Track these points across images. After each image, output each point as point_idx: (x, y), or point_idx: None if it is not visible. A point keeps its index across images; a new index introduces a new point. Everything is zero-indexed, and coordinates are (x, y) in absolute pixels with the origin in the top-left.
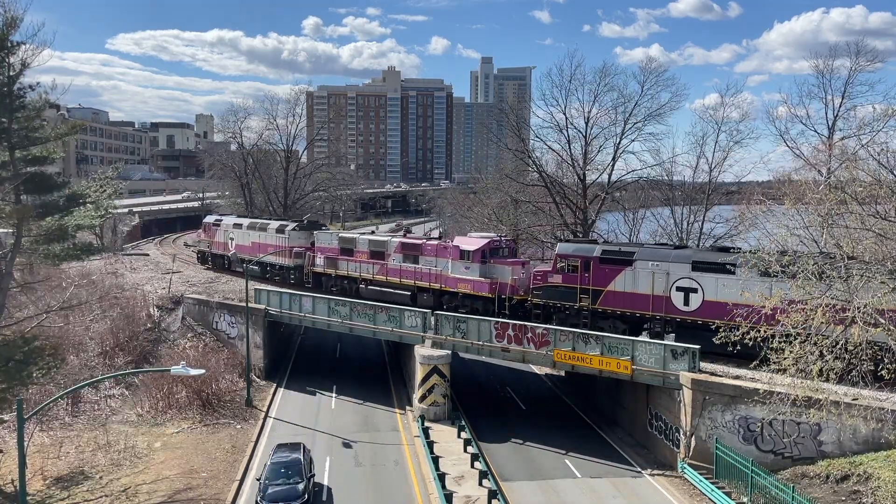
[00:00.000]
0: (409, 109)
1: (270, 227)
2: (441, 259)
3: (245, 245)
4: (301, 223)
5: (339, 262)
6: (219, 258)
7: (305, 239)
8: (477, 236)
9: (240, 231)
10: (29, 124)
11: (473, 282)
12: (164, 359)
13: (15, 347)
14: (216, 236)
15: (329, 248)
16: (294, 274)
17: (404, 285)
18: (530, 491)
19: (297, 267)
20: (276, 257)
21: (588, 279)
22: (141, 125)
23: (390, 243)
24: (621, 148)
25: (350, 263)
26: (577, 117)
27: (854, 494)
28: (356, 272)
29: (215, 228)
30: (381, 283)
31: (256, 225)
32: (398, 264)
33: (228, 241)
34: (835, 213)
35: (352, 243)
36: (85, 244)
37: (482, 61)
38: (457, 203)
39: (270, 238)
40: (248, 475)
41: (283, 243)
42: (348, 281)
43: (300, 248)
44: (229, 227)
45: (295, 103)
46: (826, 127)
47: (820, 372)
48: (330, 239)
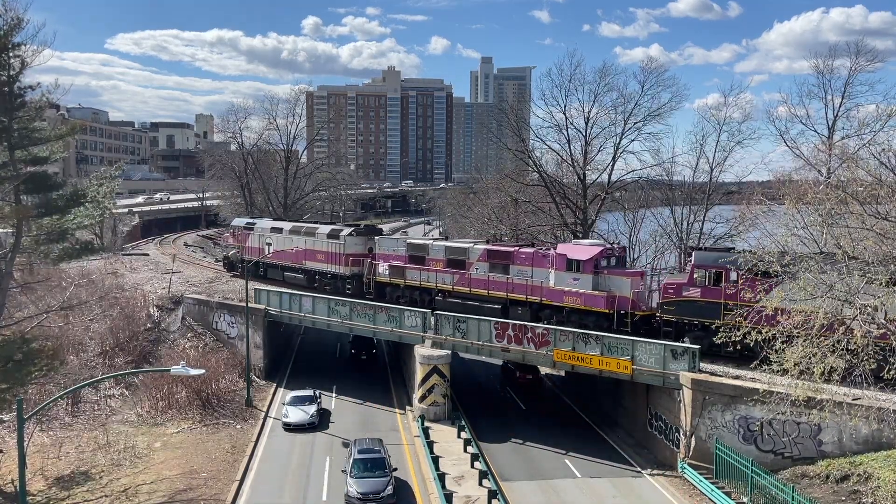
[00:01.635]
0: (409, 109)
1: (320, 231)
2: (540, 269)
3: (286, 251)
4: (358, 228)
5: (408, 271)
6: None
7: (363, 245)
8: (587, 244)
9: (279, 236)
10: (29, 124)
11: (584, 295)
12: (164, 359)
13: (15, 347)
14: (248, 241)
15: (394, 256)
16: (351, 283)
17: (493, 297)
18: (530, 491)
19: (355, 276)
20: (327, 265)
21: (735, 293)
22: (141, 125)
23: (473, 250)
24: (621, 148)
25: (422, 273)
26: (577, 117)
27: (854, 494)
28: (431, 282)
29: (247, 233)
30: (462, 294)
31: (301, 229)
32: (484, 274)
33: (265, 246)
34: (835, 213)
35: (423, 250)
36: (85, 243)
37: (482, 61)
38: (457, 203)
39: (321, 244)
40: (247, 475)
41: (338, 250)
42: (420, 292)
43: (358, 255)
44: (265, 231)
45: (295, 103)
46: (826, 127)
47: (822, 372)
48: (395, 245)
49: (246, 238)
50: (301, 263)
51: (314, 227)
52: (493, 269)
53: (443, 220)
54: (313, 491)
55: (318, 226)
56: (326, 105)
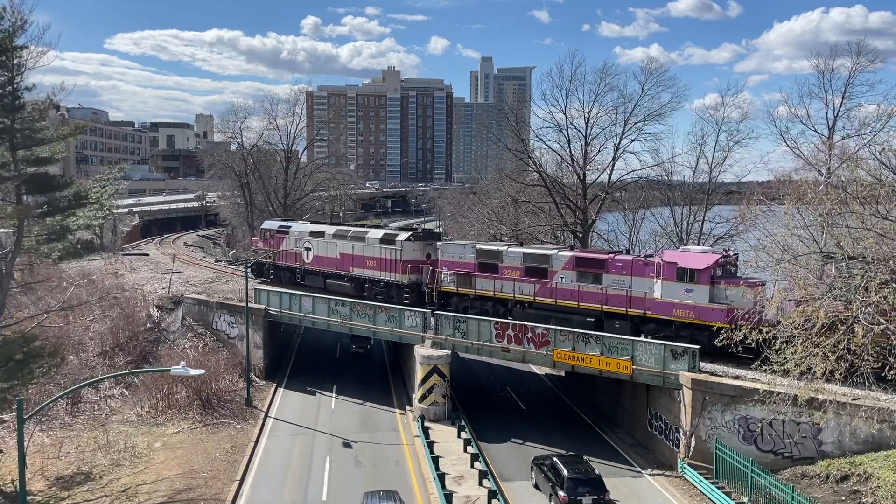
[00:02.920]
0: (409, 109)
1: (371, 236)
2: (641, 278)
3: (329, 257)
4: (416, 232)
5: (478, 280)
6: (286, 271)
7: (421, 251)
8: (699, 250)
9: (320, 240)
10: (32, 125)
11: (699, 308)
12: (164, 359)
13: (15, 347)
14: (282, 246)
15: (461, 263)
16: (409, 292)
17: (584, 310)
18: (530, 491)
19: (414, 284)
20: (379, 272)
21: None
22: (141, 125)
23: (557, 257)
24: (621, 148)
25: (496, 282)
26: (577, 117)
27: (854, 494)
28: (507, 292)
29: (281, 237)
30: (545, 306)
31: (348, 233)
32: (571, 283)
33: (303, 251)
34: (836, 213)
35: (496, 257)
36: (85, 243)
37: (482, 61)
38: (457, 203)
39: (372, 250)
40: (247, 475)
41: (393, 256)
42: (494, 303)
43: (417, 261)
44: (303, 235)
45: (295, 103)
46: (826, 127)
47: (827, 372)
48: (462, 251)
49: (279, 242)
50: (348, 270)
51: (364, 230)
52: (582, 278)
53: (443, 220)
54: (313, 491)
55: (369, 230)
56: (326, 105)
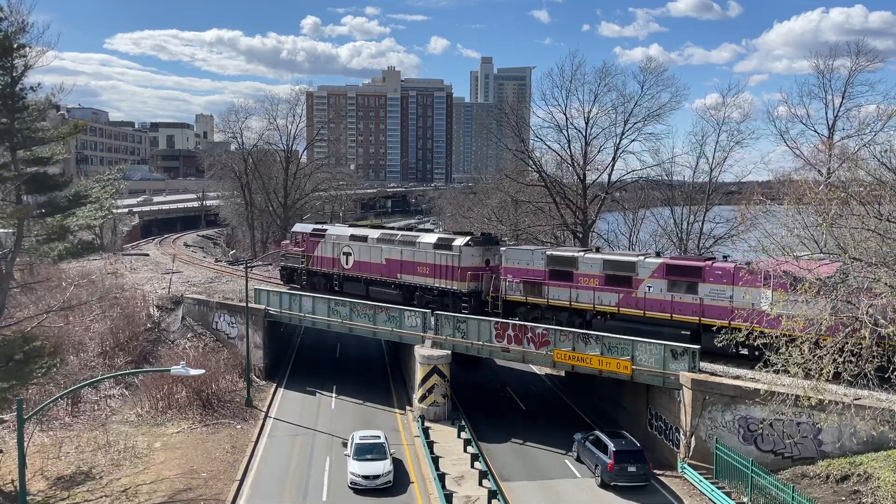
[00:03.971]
0: (409, 109)
1: (423, 240)
2: (746, 288)
3: (373, 263)
4: (475, 237)
5: (549, 289)
6: (321, 277)
7: (481, 257)
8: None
9: (363, 245)
10: (32, 125)
11: None
12: (164, 359)
13: (15, 347)
14: (317, 250)
15: (528, 270)
16: (468, 301)
17: (677, 322)
18: (530, 491)
19: (474, 293)
20: (433, 280)
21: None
22: (141, 125)
23: (643, 264)
24: (621, 148)
25: (572, 291)
26: (577, 117)
27: (854, 494)
28: (584, 302)
29: (315, 241)
30: (630, 317)
31: (395, 238)
32: (661, 293)
33: (341, 256)
34: (836, 214)
35: (570, 263)
36: (86, 242)
37: (482, 61)
38: (457, 203)
39: (424, 255)
40: (247, 475)
41: (450, 262)
42: (569, 313)
43: (477, 268)
44: (343, 238)
45: (295, 103)
46: (826, 127)
47: (831, 374)
48: (530, 257)
49: (314, 246)
50: (395, 277)
51: (414, 235)
52: (674, 287)
53: (443, 220)
54: (313, 491)
55: (420, 233)
56: (326, 105)
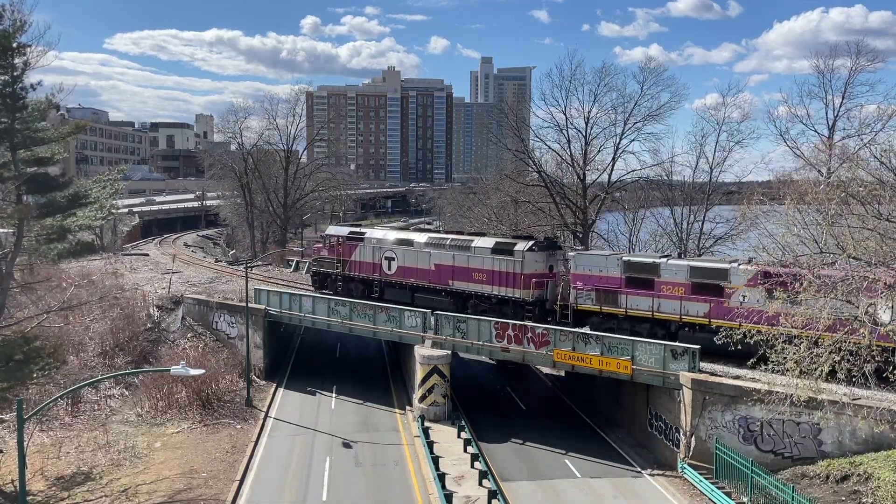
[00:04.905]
0: (409, 109)
1: (479, 245)
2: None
3: (420, 268)
4: (538, 241)
5: (627, 297)
6: (358, 283)
7: (545, 262)
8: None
9: (408, 249)
10: (32, 125)
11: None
12: (164, 359)
13: (15, 347)
14: (355, 255)
15: (601, 277)
16: (531, 310)
17: None
18: (530, 491)
19: (538, 302)
20: (491, 287)
21: None
22: (141, 125)
23: (736, 272)
24: (621, 148)
25: (654, 300)
26: (577, 117)
27: (854, 494)
28: (670, 312)
29: (353, 244)
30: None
31: (446, 242)
32: (758, 303)
33: (383, 261)
34: (836, 214)
35: (651, 270)
36: (86, 243)
37: (482, 61)
38: (457, 203)
39: (481, 261)
40: (247, 475)
41: (511, 268)
42: (651, 324)
43: (541, 275)
44: (385, 242)
45: (295, 103)
46: (826, 127)
47: (831, 373)
48: (604, 263)
49: (350, 251)
50: (446, 284)
51: (467, 238)
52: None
53: (443, 220)
54: (313, 491)
55: (474, 237)
56: (326, 105)
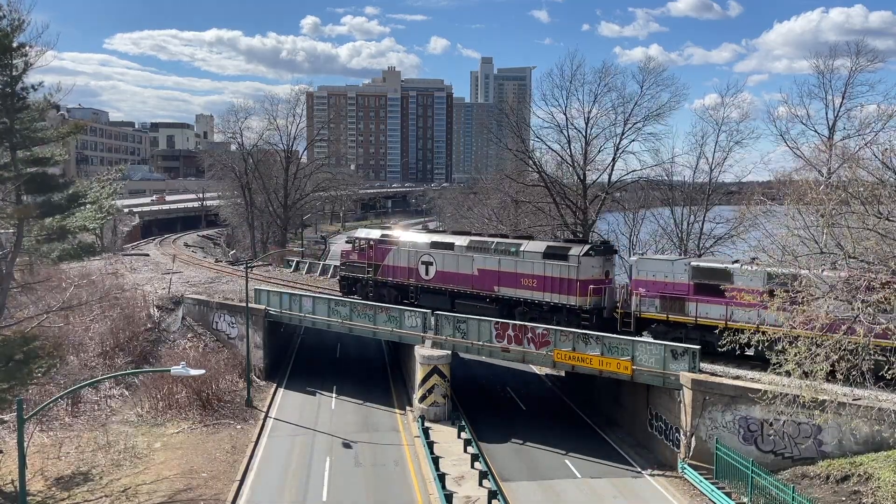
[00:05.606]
0: (410, 110)
1: (528, 249)
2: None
3: (461, 273)
4: (594, 245)
5: (697, 305)
6: (391, 288)
7: (601, 267)
8: None
9: (447, 253)
10: (31, 125)
11: None
12: (164, 359)
13: (15, 347)
14: (388, 259)
15: (667, 283)
16: (588, 318)
17: None
18: (530, 491)
19: (595, 309)
20: (542, 293)
21: None
22: (141, 125)
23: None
24: (621, 148)
25: (727, 308)
26: (577, 117)
27: (854, 495)
28: (744, 321)
29: (385, 248)
30: None
31: (490, 245)
32: None
33: (419, 266)
34: (836, 214)
35: (722, 276)
36: (86, 244)
37: (482, 61)
38: (457, 203)
39: (531, 266)
40: (247, 475)
41: (565, 274)
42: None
43: (598, 281)
44: (421, 246)
45: (295, 103)
46: (826, 127)
47: (830, 373)
48: (669, 269)
49: (383, 254)
50: (490, 290)
51: (515, 242)
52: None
53: (443, 221)
54: (313, 491)
55: (522, 241)
56: (326, 105)
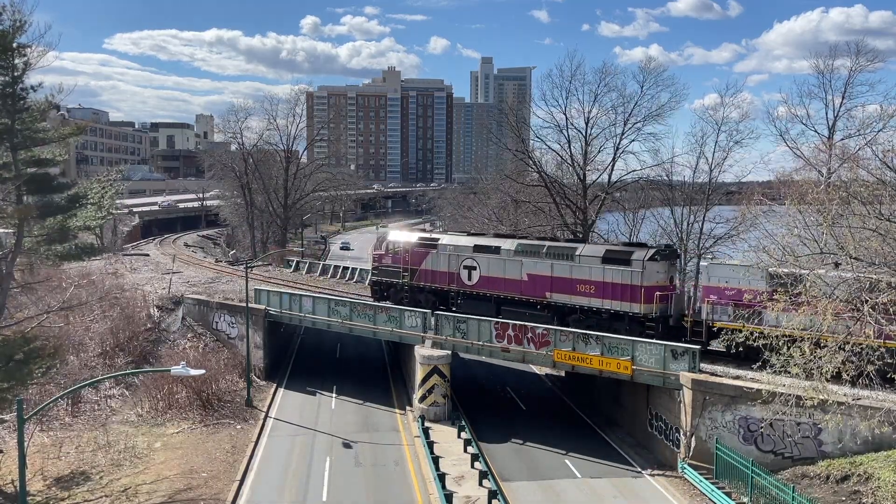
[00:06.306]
0: (409, 110)
1: (585, 253)
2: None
3: (509, 279)
4: (659, 248)
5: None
6: (429, 294)
7: (666, 273)
8: None
9: (493, 258)
10: (32, 125)
11: None
12: (164, 359)
13: (15, 347)
14: (426, 263)
15: (742, 290)
16: (654, 327)
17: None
18: (530, 491)
19: (661, 317)
20: (602, 300)
21: None
22: (141, 125)
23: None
24: (621, 148)
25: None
26: (577, 117)
27: (854, 495)
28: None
29: (423, 251)
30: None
31: (541, 249)
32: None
33: (461, 270)
34: (837, 214)
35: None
36: (86, 244)
37: (482, 61)
38: (457, 203)
39: (588, 270)
40: (247, 475)
41: (628, 279)
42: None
43: (663, 287)
44: (463, 249)
45: (295, 103)
46: (826, 127)
47: (837, 374)
48: (744, 275)
49: (420, 258)
50: (541, 296)
51: (570, 246)
52: None
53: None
54: (313, 491)
55: (577, 244)
56: (326, 105)
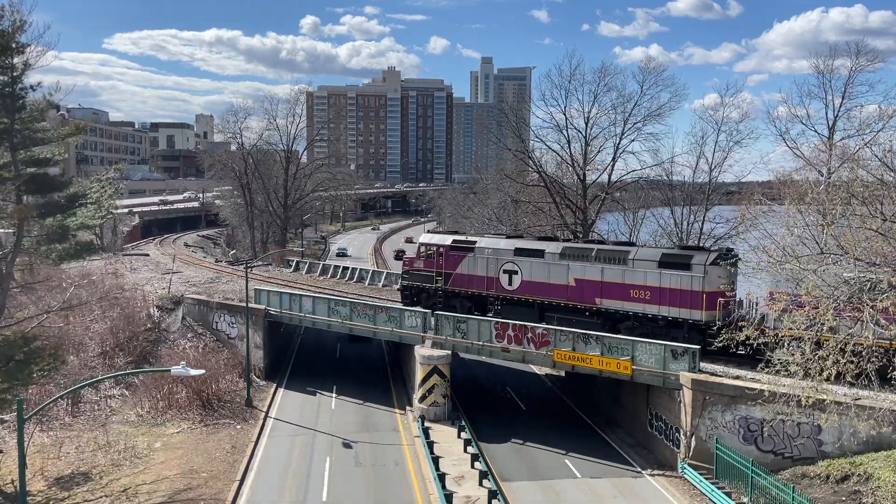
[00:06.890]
0: (409, 109)
1: (639, 256)
2: None
3: (554, 284)
4: (721, 252)
5: None
6: (465, 299)
7: (728, 278)
8: None
9: (537, 261)
10: (31, 125)
11: None
12: (164, 359)
13: (15, 347)
14: (462, 267)
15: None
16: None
17: None
18: (530, 491)
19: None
20: (658, 307)
21: None
22: (141, 125)
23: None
24: (621, 148)
25: None
26: (577, 117)
27: (854, 495)
28: None
29: (459, 255)
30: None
31: (590, 253)
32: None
33: (500, 275)
34: (837, 214)
35: None
36: (86, 244)
37: (482, 61)
38: (457, 203)
39: (642, 275)
40: (247, 475)
41: (687, 285)
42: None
43: (725, 293)
44: (503, 253)
45: (295, 103)
46: (826, 127)
47: (832, 375)
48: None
49: (456, 262)
50: (591, 302)
51: (622, 249)
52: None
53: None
54: (313, 491)
55: (630, 248)
56: (326, 105)
